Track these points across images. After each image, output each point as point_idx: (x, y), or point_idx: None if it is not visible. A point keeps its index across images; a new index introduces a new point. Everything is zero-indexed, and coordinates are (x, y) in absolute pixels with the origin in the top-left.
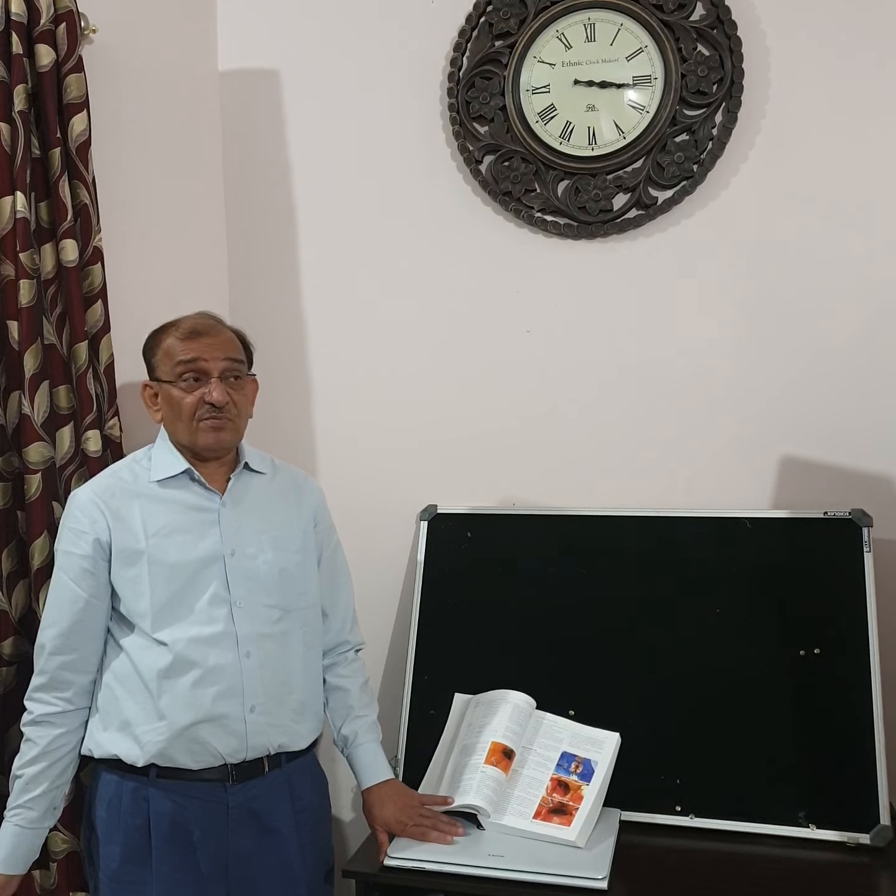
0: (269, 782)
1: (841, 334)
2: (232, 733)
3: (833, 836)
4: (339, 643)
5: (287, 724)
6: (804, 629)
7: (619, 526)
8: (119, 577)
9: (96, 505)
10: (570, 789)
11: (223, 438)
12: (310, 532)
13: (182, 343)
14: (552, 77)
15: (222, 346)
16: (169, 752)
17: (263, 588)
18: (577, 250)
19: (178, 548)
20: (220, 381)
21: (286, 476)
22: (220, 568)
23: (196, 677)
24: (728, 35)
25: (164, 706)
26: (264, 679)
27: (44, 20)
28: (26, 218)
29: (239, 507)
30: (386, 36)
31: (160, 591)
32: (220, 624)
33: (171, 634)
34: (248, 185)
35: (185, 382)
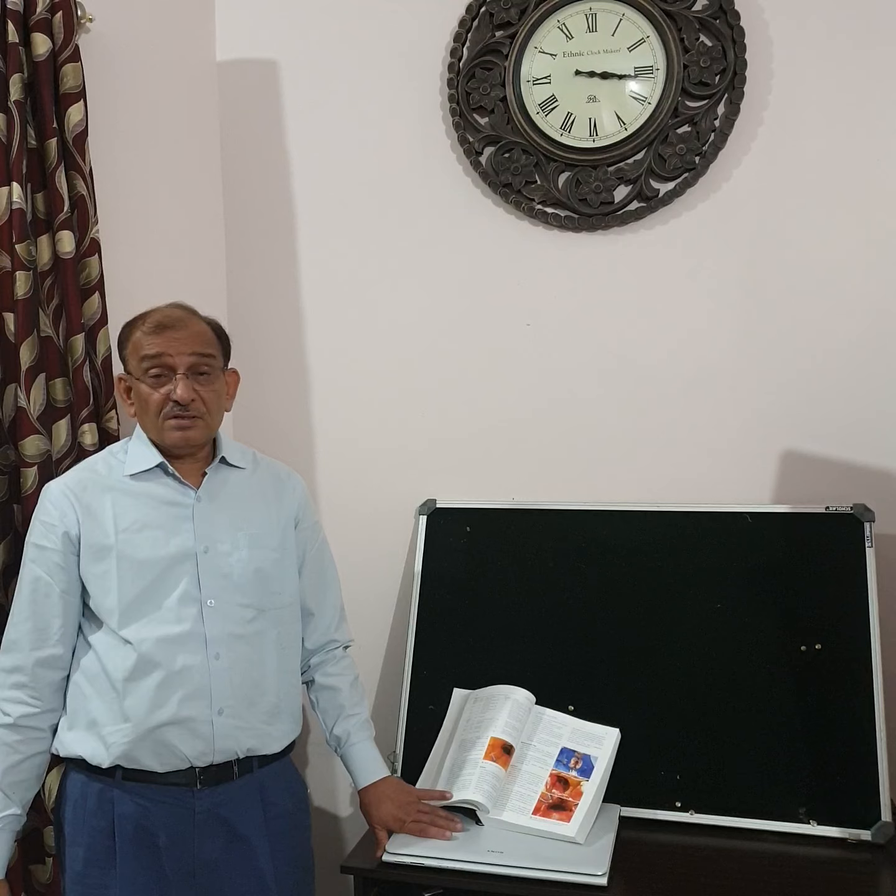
0: (239, 788)
1: (844, 328)
2: (198, 736)
3: (834, 832)
4: (327, 641)
5: (258, 727)
6: (805, 624)
7: (619, 520)
8: (87, 572)
9: (67, 498)
10: (570, 785)
11: (190, 437)
12: (290, 530)
13: (147, 337)
14: (553, 68)
15: (189, 341)
16: (134, 753)
17: (237, 587)
18: (577, 243)
19: (149, 543)
20: (185, 378)
21: (267, 471)
22: (192, 565)
23: (161, 678)
24: (731, 25)
25: (128, 707)
26: (234, 681)
27: (40, 9)
28: (22, 209)
29: (215, 503)
30: (385, 26)
31: (128, 588)
32: (189, 623)
33: (137, 633)
34: (246, 176)
35: (151, 378)
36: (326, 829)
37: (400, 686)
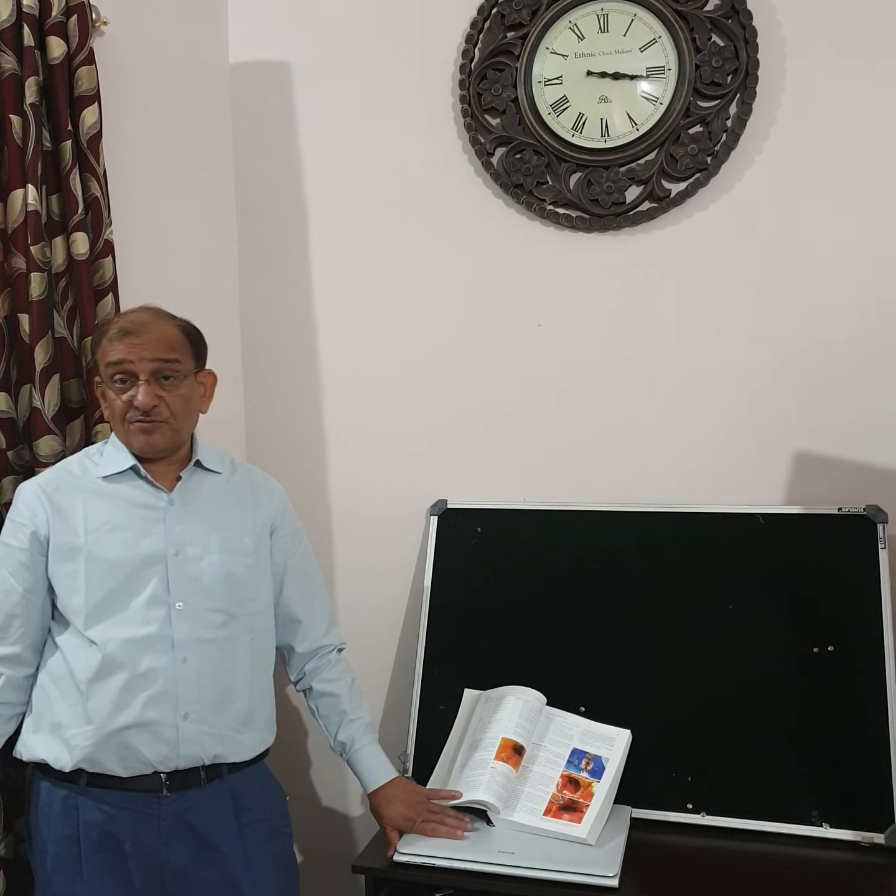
0: (208, 794)
1: (857, 328)
2: (162, 740)
3: (847, 835)
4: (318, 647)
5: (226, 734)
6: (818, 626)
7: (630, 521)
8: (56, 572)
9: (39, 498)
10: (581, 786)
11: (154, 442)
12: (265, 536)
13: (111, 344)
14: (565, 68)
15: (150, 346)
16: (97, 757)
17: (207, 591)
18: (589, 243)
19: (118, 545)
20: (147, 384)
21: (244, 477)
22: (161, 568)
23: (125, 680)
24: (743, 25)
25: (91, 709)
26: (201, 686)
27: (55, 12)
28: (37, 211)
29: (188, 507)
30: (398, 27)
31: (95, 589)
32: (156, 626)
33: (102, 634)
34: (259, 177)
35: (116, 384)
36: (337, 829)
37: (411, 686)
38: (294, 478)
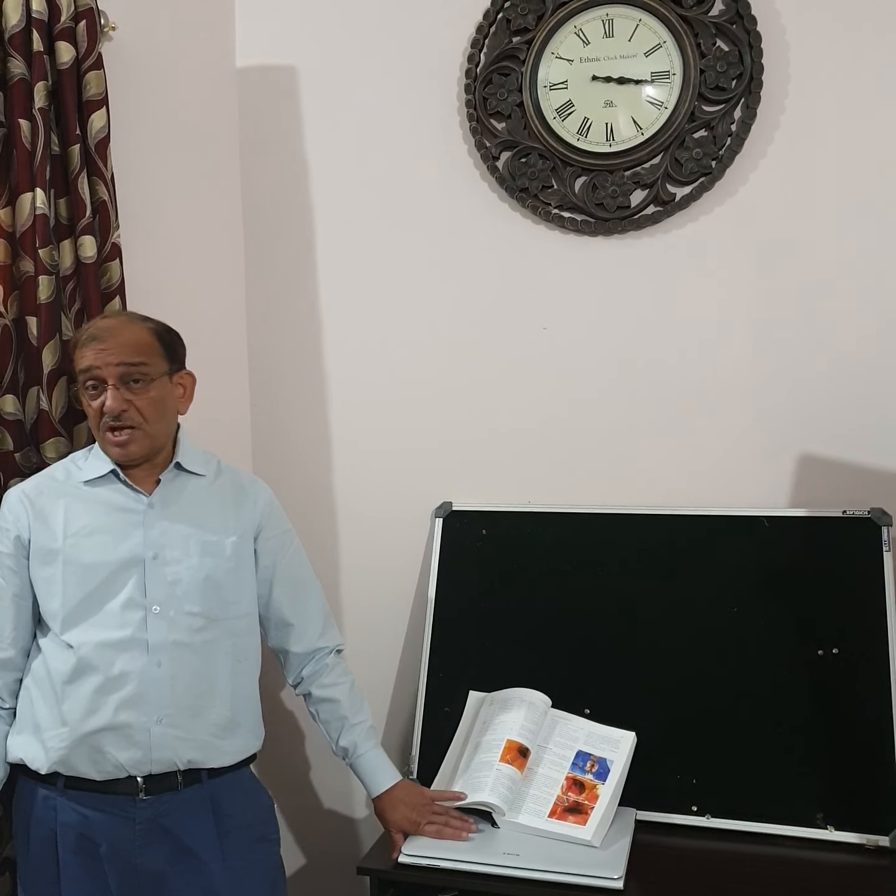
0: (186, 799)
1: (861, 331)
2: (135, 744)
3: (852, 837)
4: (314, 650)
5: (204, 739)
6: (822, 629)
7: (635, 524)
8: (36, 575)
9: (22, 503)
10: (586, 788)
11: (130, 452)
12: (248, 539)
13: (81, 350)
14: (570, 73)
15: (116, 351)
16: (71, 759)
17: (186, 595)
18: (594, 247)
19: (96, 548)
20: (115, 388)
21: (229, 479)
22: (138, 571)
23: (98, 683)
24: (747, 30)
25: (66, 711)
26: (176, 690)
27: (64, 17)
28: (45, 214)
29: (168, 510)
30: (403, 32)
31: (72, 592)
32: (130, 629)
33: (77, 637)
34: (266, 181)
35: (88, 391)
36: (342, 830)
37: (416, 688)
38: (300, 480)
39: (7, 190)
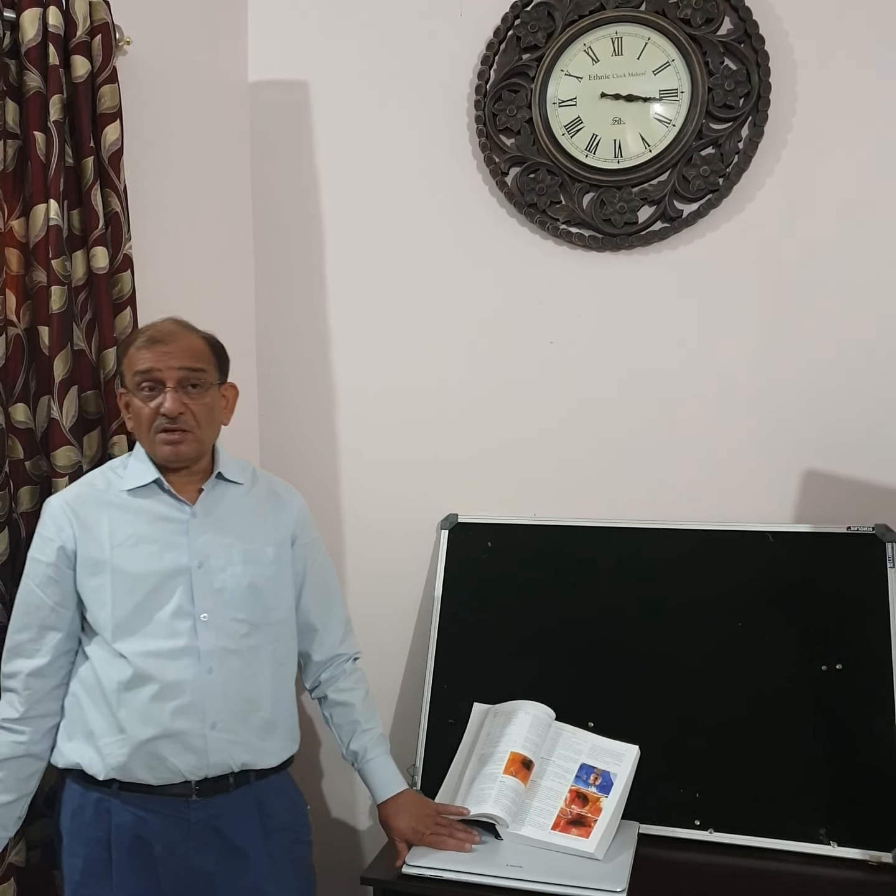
0: (235, 800)
1: (866, 347)
2: (191, 750)
3: (855, 853)
4: (334, 656)
5: (252, 742)
6: (826, 644)
7: (639, 538)
8: (83, 585)
9: (65, 513)
10: (589, 801)
11: (181, 451)
12: (286, 545)
13: (139, 352)
14: (579, 90)
15: (178, 355)
16: (129, 766)
17: (231, 602)
18: (601, 262)
19: (143, 558)
20: (174, 391)
21: (265, 487)
22: (185, 580)
23: (154, 691)
24: (755, 49)
25: (123, 719)
26: (227, 696)
27: (80, 32)
28: (59, 225)
29: (210, 518)
30: (414, 48)
31: (122, 602)
32: (183, 638)
33: (130, 646)
34: (276, 195)
35: (143, 393)
36: (346, 840)
37: (420, 699)
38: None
39: (21, 201)
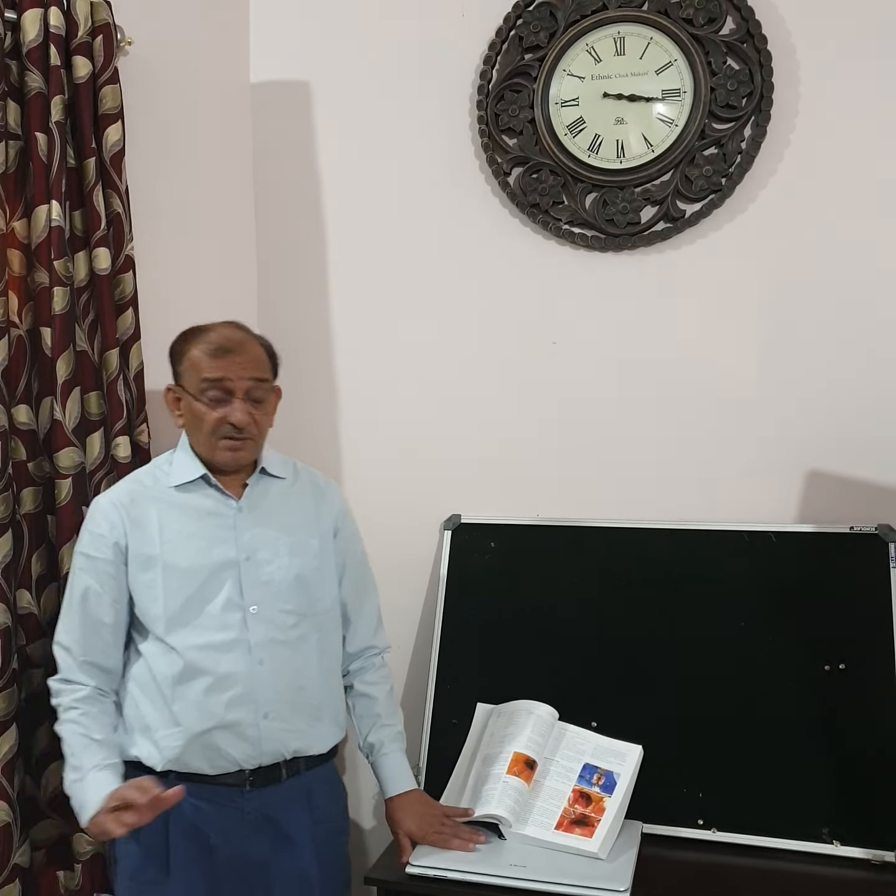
0: (287, 789)
1: (868, 347)
2: (245, 739)
3: (858, 853)
4: (365, 648)
5: (303, 729)
6: (829, 644)
7: (642, 538)
8: (135, 581)
9: (116, 510)
10: (593, 801)
11: (240, 457)
12: (328, 537)
13: (209, 359)
14: (581, 90)
15: (249, 366)
16: (185, 758)
17: (279, 594)
18: (604, 262)
19: (192, 553)
20: (243, 402)
21: (307, 480)
22: (234, 573)
23: (208, 684)
24: (758, 49)
25: (177, 712)
26: (278, 685)
27: (81, 33)
28: (61, 226)
29: (255, 513)
30: (416, 49)
31: (173, 596)
32: (234, 630)
33: (182, 640)
34: (278, 196)
35: (208, 399)
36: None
37: (424, 700)
38: None
39: (23, 202)
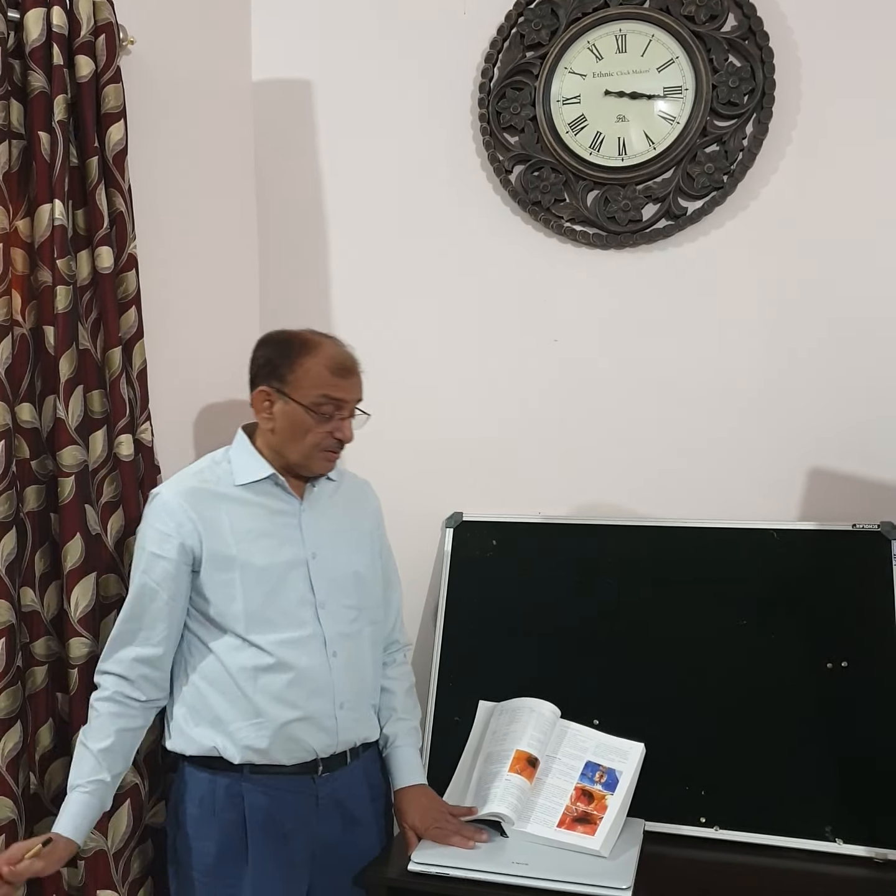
0: (350, 772)
1: (870, 346)
2: (324, 730)
3: (860, 851)
4: (390, 642)
5: (369, 717)
6: (831, 641)
7: (645, 535)
8: (210, 580)
9: (183, 508)
10: (595, 798)
11: (332, 467)
12: (375, 535)
13: (333, 378)
14: (583, 88)
15: (359, 387)
16: (266, 748)
17: (342, 589)
18: (605, 260)
19: (264, 552)
20: (349, 420)
21: (351, 482)
22: (303, 571)
23: (291, 677)
24: (760, 46)
25: (259, 704)
26: (349, 677)
27: (84, 32)
28: (64, 225)
29: (316, 512)
30: (418, 47)
31: (252, 595)
32: (310, 626)
33: (264, 637)
34: (280, 193)
35: (321, 414)
36: None
37: (426, 697)
38: None
39: (26, 201)
